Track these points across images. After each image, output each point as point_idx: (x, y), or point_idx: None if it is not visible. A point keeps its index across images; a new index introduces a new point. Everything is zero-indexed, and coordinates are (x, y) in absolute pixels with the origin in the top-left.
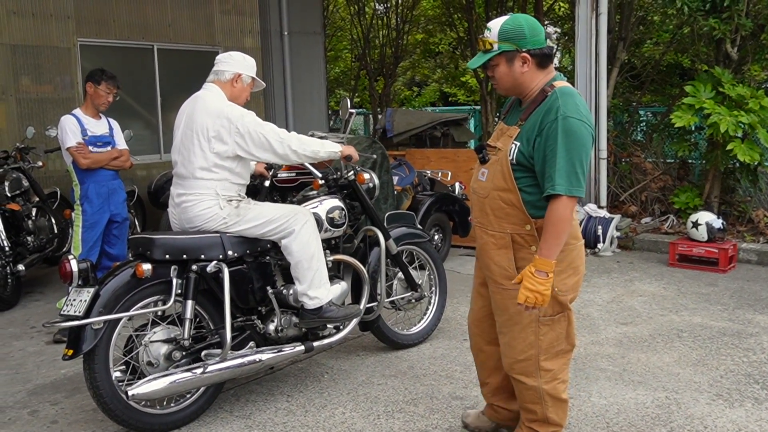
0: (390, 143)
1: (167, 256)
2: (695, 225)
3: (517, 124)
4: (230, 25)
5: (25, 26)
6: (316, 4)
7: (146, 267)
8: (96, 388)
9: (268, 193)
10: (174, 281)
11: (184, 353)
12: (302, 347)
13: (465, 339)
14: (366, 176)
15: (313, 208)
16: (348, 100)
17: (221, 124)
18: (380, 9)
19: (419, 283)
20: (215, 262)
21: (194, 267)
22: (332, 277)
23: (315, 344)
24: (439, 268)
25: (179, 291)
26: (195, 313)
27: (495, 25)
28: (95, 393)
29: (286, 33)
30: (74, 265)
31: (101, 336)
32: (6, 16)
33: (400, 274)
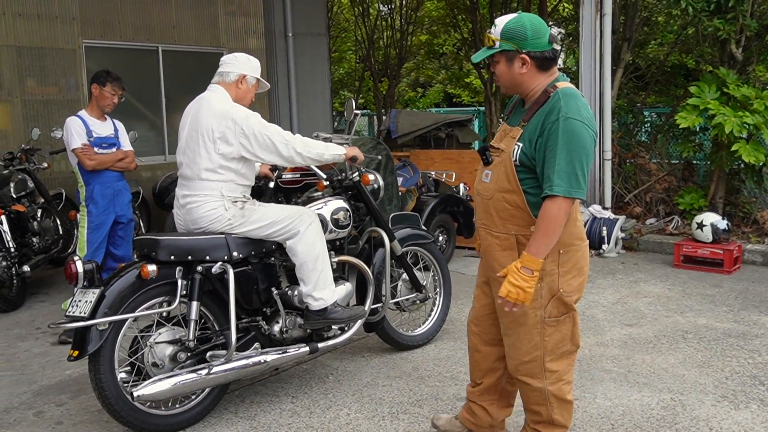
0: (394, 144)
1: (172, 258)
2: (700, 226)
3: (520, 125)
4: (235, 27)
5: (31, 28)
6: (321, 6)
7: (151, 268)
8: (101, 389)
9: (273, 195)
10: (179, 282)
11: (189, 354)
12: (307, 348)
13: None
14: (371, 177)
15: (318, 209)
16: (353, 102)
17: (226, 126)
18: (384, 10)
19: (424, 284)
20: (220, 263)
21: (199, 268)
22: (337, 279)
23: (320, 345)
24: (444, 269)
25: (184, 292)
26: (200, 314)
27: (500, 23)
28: (100, 394)
29: (291, 34)
30: (79, 266)
31: (106, 337)
32: (11, 18)
33: (405, 275)
